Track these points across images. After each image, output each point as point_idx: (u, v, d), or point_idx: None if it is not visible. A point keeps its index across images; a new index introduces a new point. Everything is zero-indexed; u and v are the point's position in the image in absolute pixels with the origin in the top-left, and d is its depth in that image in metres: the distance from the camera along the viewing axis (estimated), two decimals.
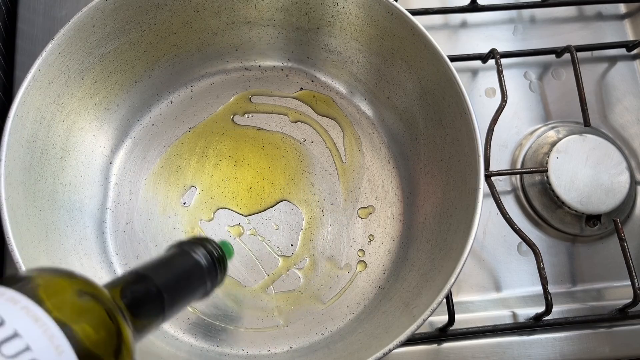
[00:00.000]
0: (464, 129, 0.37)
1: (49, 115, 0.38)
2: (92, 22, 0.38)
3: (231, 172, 0.44)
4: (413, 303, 0.36)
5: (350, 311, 0.41)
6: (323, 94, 0.47)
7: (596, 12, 0.54)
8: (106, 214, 0.43)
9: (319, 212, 0.44)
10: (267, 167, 0.45)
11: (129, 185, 0.44)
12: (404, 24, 0.39)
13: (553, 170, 0.46)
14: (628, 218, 0.48)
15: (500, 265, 0.46)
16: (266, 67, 0.47)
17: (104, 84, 0.41)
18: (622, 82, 0.52)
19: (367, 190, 0.44)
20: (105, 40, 0.40)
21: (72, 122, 0.40)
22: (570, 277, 0.47)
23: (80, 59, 0.39)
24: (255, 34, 0.45)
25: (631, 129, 0.51)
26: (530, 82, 0.52)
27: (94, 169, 0.43)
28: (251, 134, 0.46)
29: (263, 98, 0.47)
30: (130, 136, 0.45)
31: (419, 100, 0.42)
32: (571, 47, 0.49)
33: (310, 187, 0.44)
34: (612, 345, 0.43)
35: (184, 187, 0.44)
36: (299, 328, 0.41)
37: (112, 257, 0.42)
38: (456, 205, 0.38)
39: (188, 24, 0.43)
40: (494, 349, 0.43)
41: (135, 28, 0.41)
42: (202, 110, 0.46)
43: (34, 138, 0.37)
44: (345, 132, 0.46)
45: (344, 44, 0.44)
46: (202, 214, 0.43)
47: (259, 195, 0.44)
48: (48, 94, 0.37)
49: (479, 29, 0.53)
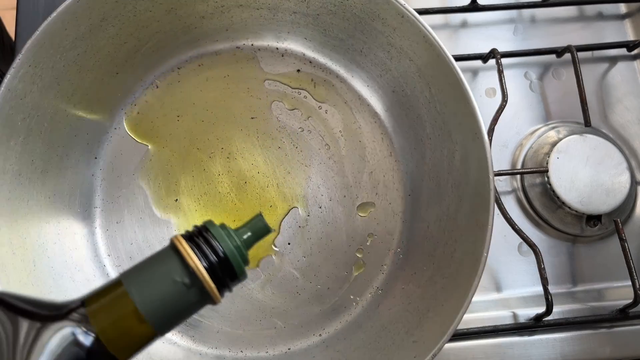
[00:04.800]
0: (476, 153, 0.36)
1: (24, 132, 0.36)
2: (64, 26, 0.36)
3: (224, 165, 0.42)
4: (414, 334, 0.35)
5: (349, 312, 0.41)
6: (322, 77, 0.44)
7: (597, 12, 0.54)
8: (95, 214, 0.41)
9: (317, 209, 0.43)
10: (262, 160, 0.43)
11: (116, 181, 0.42)
12: (416, 29, 0.37)
13: (553, 170, 0.46)
14: (629, 218, 0.48)
15: (501, 266, 0.46)
16: (259, 47, 0.44)
17: (81, 83, 0.39)
18: (622, 82, 0.52)
19: (368, 185, 0.43)
20: (79, 41, 0.37)
21: (50, 130, 0.38)
22: (571, 278, 0.47)
23: (54, 65, 0.36)
24: (248, 16, 0.42)
25: (632, 129, 0.51)
26: (531, 82, 0.52)
27: (80, 168, 0.41)
28: (245, 123, 0.43)
29: (257, 82, 0.44)
30: (114, 127, 0.43)
31: (426, 104, 0.40)
32: (572, 47, 0.49)
33: (308, 182, 0.43)
34: (612, 346, 0.43)
35: (175, 183, 0.42)
36: (297, 329, 0.40)
37: (104, 259, 0.41)
38: (462, 233, 0.37)
39: (172, 10, 0.40)
40: (495, 350, 0.43)
41: (112, 22, 0.38)
42: (190, 95, 0.43)
43: (12, 162, 0.35)
44: (345, 121, 0.44)
45: (347, 32, 0.42)
46: (195, 211, 0.42)
47: (255, 190, 0.42)
48: (22, 110, 0.35)
49: (480, 29, 0.53)
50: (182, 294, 0.23)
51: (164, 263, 0.24)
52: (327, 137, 0.44)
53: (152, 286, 0.23)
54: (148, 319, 0.23)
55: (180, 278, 0.23)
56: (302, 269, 0.42)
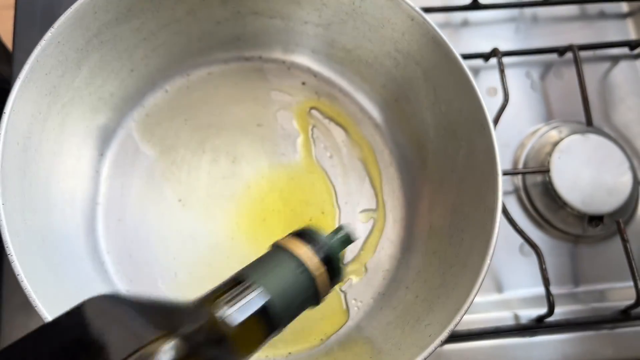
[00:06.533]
0: (482, 145, 0.36)
1: (45, 109, 0.36)
2: (94, 10, 0.37)
3: (229, 169, 0.43)
4: (425, 319, 0.35)
5: (350, 317, 0.41)
6: (326, 90, 0.45)
7: (599, 11, 0.54)
8: (97, 210, 0.41)
9: (319, 214, 0.43)
10: (267, 165, 0.43)
11: (120, 179, 0.42)
12: (424, 31, 0.38)
13: (555, 170, 0.46)
14: (631, 219, 0.48)
15: (502, 266, 0.46)
16: (267, 59, 0.45)
17: (100, 73, 0.40)
18: (624, 82, 0.52)
19: (369, 193, 0.44)
20: (105, 28, 0.38)
21: (66, 113, 0.38)
22: (573, 278, 0.46)
23: (79, 47, 0.37)
24: (260, 25, 0.43)
25: (634, 129, 0.51)
26: (532, 81, 0.51)
27: (84, 162, 0.41)
28: (250, 129, 0.44)
29: (263, 92, 0.45)
30: (122, 126, 0.43)
31: (430, 107, 0.41)
32: (573, 46, 0.49)
33: (310, 188, 0.43)
34: (615, 347, 0.43)
35: (179, 183, 0.42)
36: (298, 333, 0.40)
37: (104, 256, 0.40)
38: (469, 221, 0.37)
39: (192, 12, 0.41)
40: (496, 351, 0.42)
41: (137, 15, 0.39)
42: (199, 101, 0.44)
43: (30, 134, 0.35)
44: (348, 132, 0.45)
45: (355, 42, 0.43)
46: (198, 212, 0.42)
47: (258, 194, 0.43)
48: (44, 86, 0.36)
49: (481, 28, 0.53)
50: (301, 290, 0.25)
51: (282, 261, 0.26)
52: (330, 146, 0.44)
53: (278, 282, 0.24)
54: (276, 314, 0.24)
55: (299, 271, 0.25)
56: None
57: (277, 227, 0.42)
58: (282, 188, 0.43)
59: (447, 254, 0.38)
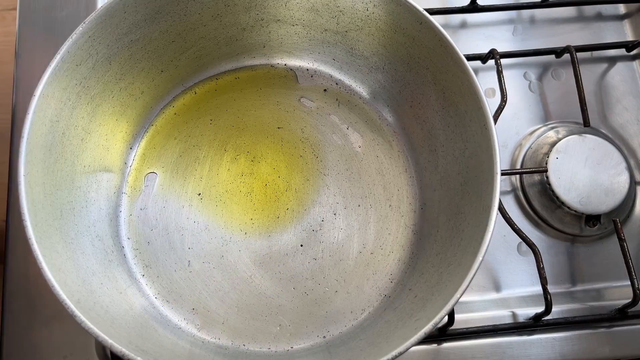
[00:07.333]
0: (484, 144, 0.37)
1: (74, 97, 0.38)
2: (124, 9, 0.38)
3: (248, 168, 0.45)
4: (417, 315, 0.35)
5: (354, 317, 0.41)
6: (346, 97, 0.47)
7: (596, 13, 0.54)
8: (122, 199, 0.43)
9: (331, 215, 0.44)
10: (284, 166, 0.45)
11: (146, 171, 0.44)
12: (432, 34, 0.39)
13: (553, 170, 0.46)
14: (628, 218, 0.48)
15: (500, 265, 0.46)
16: (292, 66, 0.47)
17: (130, 70, 0.42)
18: (621, 83, 0.52)
19: (382, 197, 0.44)
20: (135, 27, 0.40)
21: (96, 105, 0.40)
22: (570, 277, 0.47)
23: (109, 44, 0.39)
24: (284, 32, 0.45)
25: (631, 129, 0.51)
26: (530, 82, 0.52)
27: (113, 152, 0.43)
28: (271, 131, 0.46)
29: (286, 97, 0.47)
30: (152, 123, 0.45)
31: (441, 111, 0.41)
32: (571, 48, 0.49)
33: (325, 189, 0.44)
34: (611, 345, 0.43)
35: (200, 179, 0.44)
36: (302, 329, 0.41)
37: (124, 241, 0.42)
38: (469, 221, 0.37)
39: (218, 17, 0.43)
40: (494, 349, 0.43)
41: (165, 17, 0.41)
42: (225, 103, 0.46)
43: (58, 118, 0.37)
44: (365, 137, 0.46)
45: (371, 49, 0.44)
46: (215, 206, 0.44)
47: (274, 192, 0.44)
48: (75, 76, 0.38)
49: (479, 30, 0.53)
50: None
51: None
52: (346, 151, 0.46)
53: None
54: None
55: None
56: (312, 270, 0.42)
57: (289, 225, 0.44)
58: (297, 188, 0.44)
59: (447, 254, 0.38)
